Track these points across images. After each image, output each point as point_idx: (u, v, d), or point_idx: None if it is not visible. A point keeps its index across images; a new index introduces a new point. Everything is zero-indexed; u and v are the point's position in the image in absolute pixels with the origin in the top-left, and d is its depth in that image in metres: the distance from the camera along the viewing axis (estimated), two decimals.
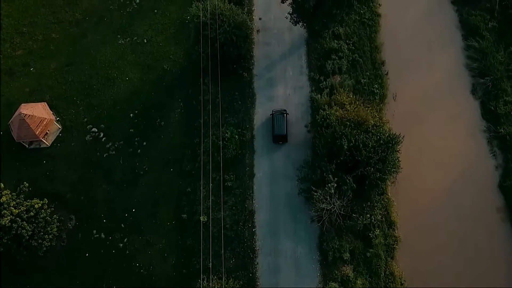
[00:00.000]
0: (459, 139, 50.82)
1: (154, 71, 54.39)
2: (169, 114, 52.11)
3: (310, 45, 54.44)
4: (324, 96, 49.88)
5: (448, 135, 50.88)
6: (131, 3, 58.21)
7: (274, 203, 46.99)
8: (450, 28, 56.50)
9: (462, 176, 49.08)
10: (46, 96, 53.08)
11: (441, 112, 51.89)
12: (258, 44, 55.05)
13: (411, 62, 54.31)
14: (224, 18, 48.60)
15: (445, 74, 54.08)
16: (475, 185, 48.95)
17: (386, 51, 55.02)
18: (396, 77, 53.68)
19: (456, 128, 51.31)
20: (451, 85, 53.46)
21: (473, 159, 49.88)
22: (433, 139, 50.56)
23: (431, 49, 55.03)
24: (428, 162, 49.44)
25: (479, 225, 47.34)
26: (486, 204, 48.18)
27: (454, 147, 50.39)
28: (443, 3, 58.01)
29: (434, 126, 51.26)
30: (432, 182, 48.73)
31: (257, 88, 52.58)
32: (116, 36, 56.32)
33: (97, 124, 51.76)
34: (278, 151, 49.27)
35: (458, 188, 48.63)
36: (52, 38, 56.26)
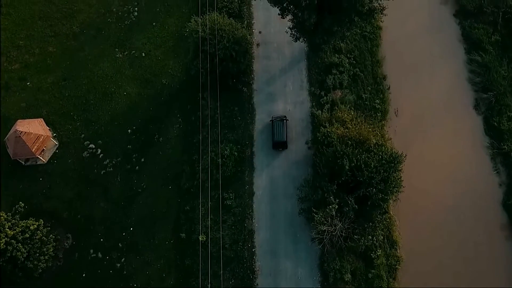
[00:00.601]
0: (462, 155, 50.04)
1: (152, 85, 53.64)
2: (168, 129, 51.35)
3: (310, 59, 53.69)
4: (325, 112, 49.18)
5: (451, 151, 50.10)
6: (129, 16, 57.46)
7: (274, 222, 46.22)
8: (453, 41, 55.74)
9: (465, 194, 48.27)
10: (42, 111, 52.31)
11: (443, 128, 51.16)
12: (258, 58, 54.29)
13: (413, 76, 53.58)
14: (223, 34, 47.88)
15: (447, 88, 53.34)
16: (478, 202, 48.16)
17: (387, 65, 54.25)
18: (398, 92, 52.93)
19: (459, 144, 50.52)
20: (453, 100, 52.71)
21: (476, 176, 49.09)
22: (435, 155, 49.75)
23: (433, 63, 54.29)
24: (431, 179, 48.69)
25: (482, 243, 46.57)
26: (489, 222, 47.44)
27: (456, 163, 49.59)
28: (445, 15, 57.28)
29: (437, 142, 50.51)
30: (435, 199, 48.02)
31: (256, 103, 51.81)
32: (114, 49, 55.57)
33: (95, 140, 51.00)
34: (278, 169, 48.50)
35: (461, 206, 47.87)
36: (49, 52, 55.48)
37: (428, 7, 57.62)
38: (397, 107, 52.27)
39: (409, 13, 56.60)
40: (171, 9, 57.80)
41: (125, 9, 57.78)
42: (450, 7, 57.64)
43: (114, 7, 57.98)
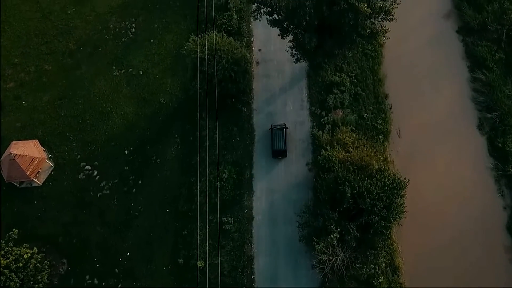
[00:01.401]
0: (466, 177, 48.99)
1: (150, 104, 52.64)
2: (165, 150, 50.37)
3: (311, 78, 52.69)
4: (326, 134, 48.21)
5: (454, 172, 49.07)
6: (127, 33, 56.45)
7: (274, 248, 45.23)
8: (456, 58, 54.66)
9: (469, 216, 47.28)
10: (38, 131, 51.33)
11: (446, 148, 50.16)
12: (257, 76, 53.30)
13: (415, 95, 52.51)
14: (222, 54, 46.92)
15: (450, 107, 52.34)
16: (483, 225, 47.15)
17: (389, 83, 53.21)
18: (400, 111, 51.90)
19: (463, 165, 49.49)
20: (457, 119, 51.67)
21: (480, 199, 48.06)
22: (438, 177, 48.76)
23: (436, 81, 53.22)
24: (434, 201, 47.70)
25: (486, 267, 45.54)
26: (494, 246, 46.43)
27: (460, 185, 48.57)
28: (448, 32, 56.18)
29: (440, 163, 49.52)
30: (438, 222, 47.03)
31: (256, 123, 50.84)
32: (111, 67, 54.57)
33: (91, 162, 50.00)
34: (278, 192, 47.51)
35: (465, 229, 46.86)
36: (44, 70, 54.47)
37: (430, 23, 56.62)
38: (399, 127, 51.26)
39: (411, 29, 55.43)
40: (169, 25, 56.78)
41: (123, 26, 56.78)
42: (453, 23, 56.58)
43: (111, 23, 56.98)
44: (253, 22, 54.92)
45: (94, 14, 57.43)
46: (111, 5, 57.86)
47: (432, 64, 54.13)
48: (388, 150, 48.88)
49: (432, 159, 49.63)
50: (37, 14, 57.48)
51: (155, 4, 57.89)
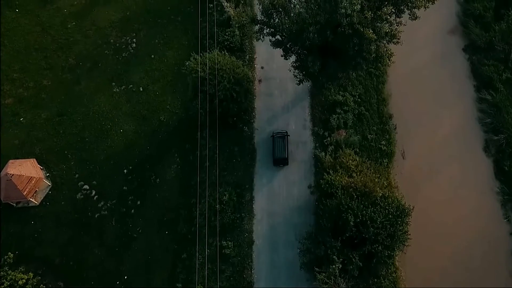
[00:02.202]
0: (471, 200, 47.96)
1: (149, 122, 51.76)
2: (165, 170, 49.48)
3: (314, 97, 51.79)
4: (328, 156, 47.22)
5: (459, 196, 48.08)
6: (127, 48, 55.57)
7: (274, 274, 44.29)
8: (461, 77, 53.64)
9: (474, 241, 46.30)
10: (36, 149, 50.49)
11: (451, 171, 49.18)
12: (259, 95, 52.37)
13: (420, 115, 51.48)
14: (224, 74, 45.99)
15: (456, 128, 51.34)
16: (488, 251, 46.14)
17: (393, 103, 52.26)
18: (405, 132, 50.97)
19: (468, 189, 48.44)
20: (462, 140, 50.66)
21: (486, 223, 47.06)
22: (443, 200, 47.75)
23: (441, 101, 52.14)
24: (438, 226, 46.69)
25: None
26: (499, 271, 45.44)
27: (465, 209, 47.60)
28: (454, 50, 55.12)
29: (444, 185, 48.57)
30: (442, 247, 45.98)
31: (257, 143, 49.93)
32: (111, 83, 53.70)
33: (89, 181, 49.15)
34: (279, 215, 46.57)
35: (469, 254, 45.89)
36: (43, 86, 53.63)
37: (436, 40, 55.54)
38: (404, 148, 50.33)
39: (416, 47, 54.12)
40: (170, 40, 55.88)
41: (123, 41, 55.90)
42: (459, 41, 55.55)
43: (112, 38, 56.12)
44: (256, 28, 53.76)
45: (94, 28, 56.58)
46: (112, 19, 57.00)
47: (437, 83, 53.11)
48: (392, 173, 47.85)
49: (436, 182, 48.71)
50: (36, 28, 56.65)
51: (157, 18, 57.01)
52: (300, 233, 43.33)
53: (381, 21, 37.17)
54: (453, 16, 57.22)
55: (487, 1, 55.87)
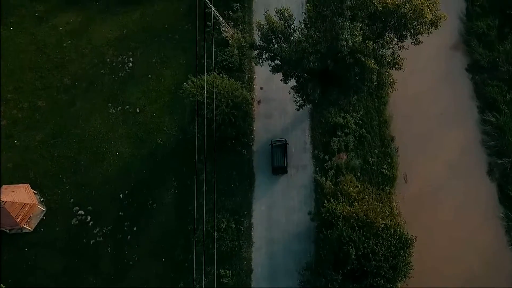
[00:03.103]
0: (475, 226, 46.83)
1: (146, 145, 50.73)
2: (162, 195, 48.46)
3: (314, 118, 50.67)
4: (329, 182, 46.15)
5: (463, 221, 46.93)
6: (123, 67, 54.50)
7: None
8: (465, 98, 52.34)
9: (478, 269, 45.18)
10: (30, 173, 49.54)
11: (455, 195, 48.00)
12: (258, 116, 51.30)
13: (422, 137, 50.25)
14: (222, 98, 44.94)
15: (459, 151, 50.10)
16: (492, 278, 45.01)
17: (395, 125, 51.08)
18: (407, 155, 49.78)
19: (472, 214, 47.29)
20: (466, 163, 49.43)
21: (490, 250, 45.94)
22: (446, 226, 46.61)
23: (444, 122, 50.90)
24: (440, 251, 45.62)
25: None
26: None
27: (469, 235, 46.43)
28: (457, 69, 53.78)
29: (447, 210, 47.43)
30: (445, 274, 44.87)
31: (256, 167, 48.88)
32: (107, 104, 52.66)
33: (84, 206, 48.15)
34: (279, 243, 45.51)
35: (472, 280, 44.69)
36: (38, 107, 52.67)
37: (438, 60, 54.24)
38: (406, 172, 49.19)
39: (418, 67, 52.82)
40: (168, 60, 54.79)
41: (120, 60, 54.84)
42: (462, 60, 54.29)
43: (108, 57, 55.06)
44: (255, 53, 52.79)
45: (90, 47, 55.56)
46: (108, 38, 55.96)
47: (440, 103, 51.92)
48: (395, 199, 46.62)
49: (439, 207, 47.58)
50: (31, 46, 55.69)
51: (154, 37, 55.92)
52: (300, 262, 42.32)
53: (383, 48, 36.01)
54: (456, 34, 56.08)
55: (490, 19, 54.67)
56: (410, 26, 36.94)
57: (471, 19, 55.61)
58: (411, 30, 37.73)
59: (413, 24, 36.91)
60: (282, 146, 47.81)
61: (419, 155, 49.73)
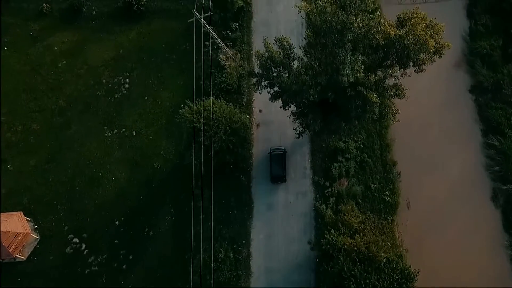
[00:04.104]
0: (479, 255, 45.82)
1: (143, 169, 49.59)
2: (159, 221, 47.39)
3: (314, 142, 49.55)
4: (330, 210, 45.07)
5: (466, 249, 45.99)
6: (120, 89, 53.36)
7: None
8: (468, 121, 51.25)
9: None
10: (24, 199, 48.41)
11: (458, 222, 47.08)
12: (257, 140, 50.18)
13: (425, 161, 49.18)
14: (220, 125, 43.81)
15: (462, 176, 49.03)
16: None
17: (397, 149, 49.98)
18: (409, 180, 48.76)
19: (476, 242, 46.29)
20: (469, 189, 48.42)
21: (494, 280, 44.87)
22: (449, 254, 45.66)
23: (446, 145, 49.81)
24: (444, 280, 44.41)
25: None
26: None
27: (472, 264, 45.48)
28: (460, 90, 52.66)
29: (451, 237, 46.44)
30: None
31: (255, 194, 47.75)
32: (103, 127, 51.53)
33: (79, 234, 47.06)
34: (278, 272, 44.43)
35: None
36: (32, 130, 51.49)
37: (441, 82, 53.13)
38: (409, 198, 48.16)
39: (420, 89, 51.60)
40: (165, 80, 53.65)
41: (116, 81, 53.70)
42: (465, 81, 53.17)
43: (104, 78, 53.91)
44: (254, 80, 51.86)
45: (86, 68, 54.41)
46: (104, 58, 54.81)
47: (443, 126, 50.85)
48: (397, 229, 45.47)
49: (442, 234, 46.58)
50: (26, 67, 54.54)
51: (151, 57, 54.79)
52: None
53: (385, 80, 34.93)
54: (459, 52, 54.87)
55: (494, 39, 53.64)
56: (413, 56, 35.84)
57: (474, 38, 54.55)
58: (414, 60, 36.64)
59: (416, 54, 35.80)
60: (281, 155, 47.17)
61: (422, 180, 48.69)
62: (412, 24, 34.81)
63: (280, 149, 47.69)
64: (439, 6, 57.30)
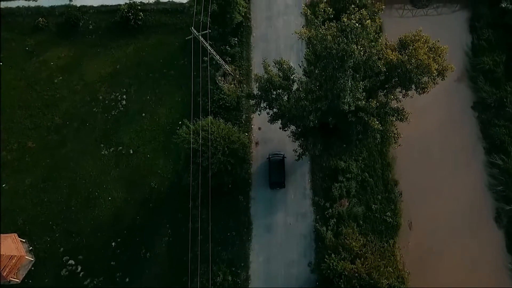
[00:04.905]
0: (482, 277, 44.89)
1: (140, 189, 48.73)
2: (156, 243, 46.52)
3: (314, 161, 48.60)
4: (330, 233, 44.20)
5: (469, 271, 45.18)
6: (117, 105, 52.49)
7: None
8: (471, 138, 50.36)
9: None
10: (19, 219, 47.56)
11: (461, 242, 46.27)
12: (256, 159, 49.30)
13: (427, 180, 48.31)
14: (218, 146, 42.90)
15: (465, 195, 48.19)
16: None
17: (399, 168, 49.07)
18: (411, 199, 47.91)
19: (478, 263, 45.55)
20: (472, 209, 47.63)
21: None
22: (452, 275, 44.76)
23: (449, 164, 49.05)
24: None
25: None
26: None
27: (475, 285, 44.41)
28: (463, 107, 51.79)
29: (454, 258, 45.66)
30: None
31: (254, 215, 46.87)
32: (99, 145, 50.67)
33: (75, 255, 46.20)
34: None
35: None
36: (28, 148, 50.62)
37: (443, 97, 51.82)
38: (411, 218, 47.35)
39: (422, 106, 50.63)
40: (163, 97, 52.77)
41: (113, 97, 52.83)
42: (468, 98, 52.26)
43: (101, 94, 53.04)
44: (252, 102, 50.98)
45: (82, 84, 53.56)
46: (101, 73, 53.97)
47: (445, 144, 50.02)
48: (398, 253, 44.40)
49: (445, 255, 45.75)
50: (21, 83, 53.72)
51: (148, 72, 53.94)
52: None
53: (386, 106, 34.09)
54: (462, 68, 53.94)
55: (497, 54, 52.78)
56: (415, 80, 35.01)
57: (477, 53, 53.76)
58: (416, 84, 35.82)
59: (419, 78, 34.97)
60: (280, 160, 46.81)
61: (423, 200, 47.87)
62: (414, 48, 33.92)
63: (279, 154, 47.12)
64: (441, 19, 56.63)
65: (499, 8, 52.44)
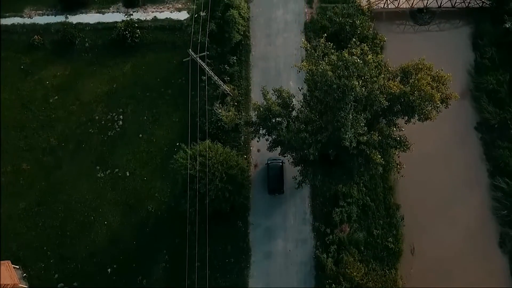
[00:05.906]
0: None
1: (136, 213, 47.79)
2: (153, 269, 45.59)
3: (315, 186, 47.40)
4: (330, 260, 43.21)
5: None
6: (113, 126, 51.51)
7: None
8: (474, 160, 49.19)
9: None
10: (13, 245, 46.67)
11: (464, 269, 45.12)
12: (255, 182, 48.28)
13: (429, 204, 47.24)
14: (216, 172, 41.95)
15: (469, 220, 47.08)
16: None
17: (401, 191, 47.94)
18: (413, 224, 46.75)
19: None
20: (475, 234, 46.47)
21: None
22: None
23: (452, 187, 47.94)
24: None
25: None
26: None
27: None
28: (466, 127, 50.64)
29: (458, 285, 44.36)
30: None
31: (252, 241, 45.86)
32: (95, 167, 49.71)
33: (69, 282, 45.36)
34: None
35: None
36: (22, 170, 49.67)
37: (445, 117, 50.45)
38: (413, 243, 46.27)
39: (423, 127, 49.56)
40: (160, 117, 51.75)
41: (109, 117, 51.85)
42: (471, 118, 51.14)
43: (97, 114, 52.06)
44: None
45: (78, 103, 52.59)
46: (97, 93, 52.99)
47: (448, 166, 48.80)
48: (400, 280, 43.52)
49: (448, 281, 44.55)
50: (16, 102, 52.79)
51: (145, 91, 52.95)
52: None
53: (389, 138, 33.12)
54: (464, 88, 52.84)
55: (500, 73, 51.63)
56: (418, 110, 34.06)
57: (480, 72, 52.57)
58: (419, 113, 34.88)
59: (422, 108, 34.01)
60: (278, 166, 46.65)
61: (426, 225, 46.80)
62: (418, 79, 32.94)
63: (278, 160, 46.43)
64: (443, 35, 55.53)
65: (503, 28, 51.35)
